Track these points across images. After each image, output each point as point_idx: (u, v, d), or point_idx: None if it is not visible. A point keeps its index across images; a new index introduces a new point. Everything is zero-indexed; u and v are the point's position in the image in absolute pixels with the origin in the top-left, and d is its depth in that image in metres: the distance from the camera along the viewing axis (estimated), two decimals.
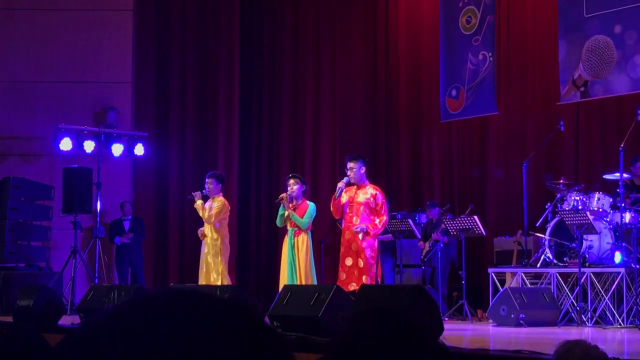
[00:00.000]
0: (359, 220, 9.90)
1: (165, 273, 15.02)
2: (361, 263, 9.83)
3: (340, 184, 10.02)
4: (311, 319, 7.30)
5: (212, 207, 11.01)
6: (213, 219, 10.93)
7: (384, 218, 9.94)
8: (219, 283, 10.63)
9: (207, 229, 11.06)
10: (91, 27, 14.73)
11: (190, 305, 1.23)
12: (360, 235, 9.86)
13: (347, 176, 10.02)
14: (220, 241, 10.97)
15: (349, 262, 9.93)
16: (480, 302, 11.99)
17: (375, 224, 9.86)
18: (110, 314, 1.23)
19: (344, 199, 10.03)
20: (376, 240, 9.98)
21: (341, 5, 15.42)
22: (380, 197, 9.94)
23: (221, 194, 11.21)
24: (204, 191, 11.10)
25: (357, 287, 9.33)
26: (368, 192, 9.95)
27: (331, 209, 10.20)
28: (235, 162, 15.17)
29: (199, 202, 11.04)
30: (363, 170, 10.01)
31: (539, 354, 6.05)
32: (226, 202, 11.17)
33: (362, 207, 9.91)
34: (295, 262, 10.34)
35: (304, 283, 10.07)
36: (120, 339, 1.18)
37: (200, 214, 11.06)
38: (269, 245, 14.97)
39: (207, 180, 11.14)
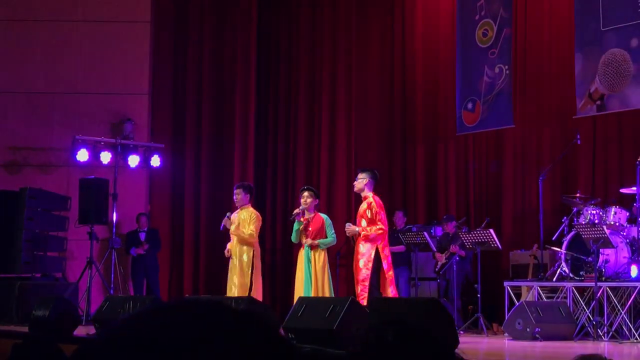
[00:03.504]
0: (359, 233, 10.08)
1: (180, 284, 15.04)
2: (356, 274, 10.01)
3: (348, 233, 10.22)
4: (326, 331, 7.29)
5: (244, 220, 10.66)
6: (255, 233, 10.64)
7: (380, 225, 10.00)
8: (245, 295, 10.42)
9: (235, 242, 10.76)
10: (108, 38, 14.80)
11: (204, 315, 1.23)
12: (360, 247, 10.00)
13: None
14: (254, 253, 10.67)
15: (358, 275, 10.09)
16: (496, 315, 11.94)
17: (366, 229, 9.99)
18: (124, 323, 1.24)
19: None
20: (373, 250, 10.01)
21: (358, 19, 15.44)
22: (376, 205, 10.02)
23: (250, 204, 10.95)
24: (228, 214, 10.73)
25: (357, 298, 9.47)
26: (365, 203, 10.11)
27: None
28: (251, 174, 15.18)
29: (232, 229, 10.73)
30: (365, 181, 10.22)
31: None
32: (258, 214, 10.88)
33: (363, 221, 10.02)
34: (312, 276, 10.32)
35: (323, 295, 10.08)
36: (135, 348, 1.18)
37: (240, 239, 10.70)
38: (284, 258, 14.96)
39: (235, 190, 10.97)
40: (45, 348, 3.17)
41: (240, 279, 10.61)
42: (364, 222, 10.04)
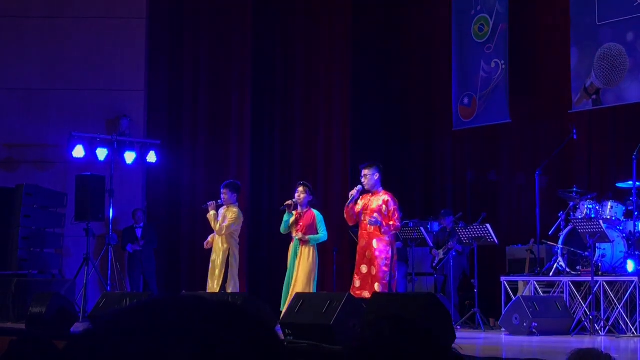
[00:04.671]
0: (372, 228, 9.91)
1: (177, 280, 15.03)
2: (374, 271, 9.82)
3: (353, 192, 10.04)
4: (323, 327, 7.28)
5: (225, 218, 10.87)
6: (224, 231, 10.73)
7: (397, 223, 9.96)
8: (226, 291, 10.57)
9: (216, 237, 10.95)
10: (104, 35, 14.78)
11: (195, 310, 1.22)
12: (374, 243, 9.85)
13: (362, 184, 10.05)
14: (230, 252, 10.82)
15: (364, 269, 9.94)
16: (493, 310, 11.95)
17: (389, 224, 9.87)
18: (116, 318, 1.23)
19: (359, 206, 10.06)
20: (391, 247, 9.94)
21: (354, 15, 15.42)
22: (392, 203, 9.95)
23: (237, 203, 11.06)
24: (219, 201, 10.97)
25: (369, 295, 9.34)
26: (380, 199, 9.97)
27: (345, 216, 10.22)
28: (247, 169, 15.17)
29: (212, 213, 10.86)
30: (377, 177, 10.03)
31: None
32: (240, 214, 11.00)
33: (375, 215, 9.92)
34: (294, 270, 10.34)
35: (298, 291, 9.97)
36: (127, 341, 1.18)
37: (212, 225, 10.90)
38: (280, 254, 14.91)
39: (222, 190, 11.00)
40: (41, 345, 3.16)
41: (215, 275, 10.76)
42: (376, 216, 9.95)
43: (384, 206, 9.93)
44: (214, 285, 10.77)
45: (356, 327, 7.13)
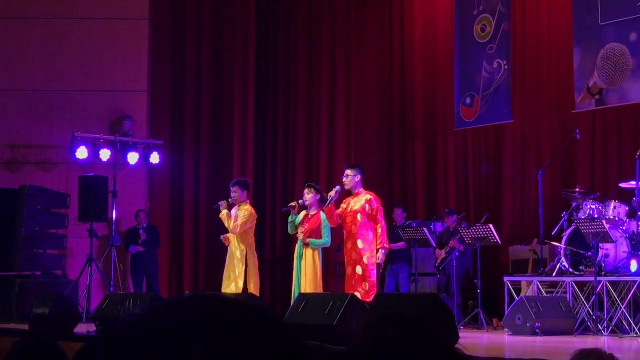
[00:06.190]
0: (356, 229, 9.99)
1: (180, 281, 15.05)
2: (360, 270, 9.91)
3: (331, 193, 10.11)
4: (326, 328, 7.28)
5: (237, 216, 10.81)
6: (238, 230, 10.60)
7: (382, 223, 10.05)
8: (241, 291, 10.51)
9: (232, 237, 10.84)
10: (107, 36, 14.80)
11: (215, 310, 1.22)
12: (359, 243, 9.93)
13: (342, 185, 10.18)
14: (248, 251, 10.71)
15: (348, 271, 10.08)
16: (496, 311, 11.95)
17: (379, 235, 9.96)
18: (132, 321, 1.22)
19: (340, 210, 10.19)
20: (374, 246, 10.01)
21: (356, 15, 15.42)
22: (375, 202, 10.08)
23: (248, 201, 10.95)
24: (230, 200, 10.89)
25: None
26: (362, 199, 10.09)
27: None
28: (250, 170, 15.18)
29: (224, 212, 10.73)
30: (358, 178, 10.19)
31: None
32: (253, 211, 10.86)
33: (359, 215, 10.01)
34: (302, 272, 10.33)
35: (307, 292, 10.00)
36: (143, 346, 1.18)
37: (226, 225, 10.77)
38: (283, 254, 14.96)
39: (232, 189, 10.92)
40: (45, 346, 3.17)
41: (233, 275, 10.70)
42: (359, 217, 10.03)
43: (367, 206, 10.05)
44: (231, 286, 10.67)
45: (359, 327, 7.13)
